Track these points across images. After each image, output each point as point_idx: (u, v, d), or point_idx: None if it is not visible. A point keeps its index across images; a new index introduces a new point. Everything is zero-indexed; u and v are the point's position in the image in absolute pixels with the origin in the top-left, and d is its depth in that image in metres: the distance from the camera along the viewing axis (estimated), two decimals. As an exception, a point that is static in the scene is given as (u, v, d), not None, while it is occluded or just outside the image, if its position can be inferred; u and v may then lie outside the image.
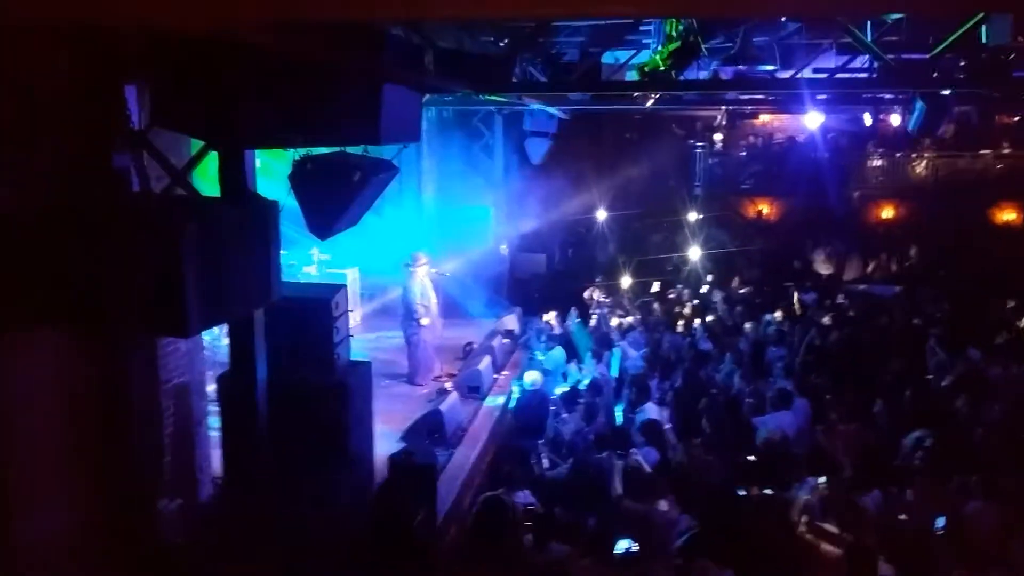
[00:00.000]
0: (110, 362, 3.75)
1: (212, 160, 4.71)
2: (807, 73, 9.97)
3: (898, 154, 18.53)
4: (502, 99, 11.49)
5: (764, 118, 20.47)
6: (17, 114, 3.59)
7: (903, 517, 5.81)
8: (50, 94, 3.61)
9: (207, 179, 5.00)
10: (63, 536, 4.26)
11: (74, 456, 4.28)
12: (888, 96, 10.74)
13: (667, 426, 8.08)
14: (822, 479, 5.95)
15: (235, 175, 4.57)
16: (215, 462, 6.39)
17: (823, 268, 18.22)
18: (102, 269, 3.51)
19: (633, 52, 10.51)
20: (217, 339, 8.58)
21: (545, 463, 7.68)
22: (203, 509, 6.08)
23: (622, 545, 4.55)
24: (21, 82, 3.59)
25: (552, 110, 13.91)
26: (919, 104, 8.45)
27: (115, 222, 3.48)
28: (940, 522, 5.39)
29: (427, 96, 9.69)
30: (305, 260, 11.05)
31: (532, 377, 9.43)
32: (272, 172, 6.21)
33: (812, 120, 12.15)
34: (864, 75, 10.26)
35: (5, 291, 3.60)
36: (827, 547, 5.11)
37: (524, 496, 6.27)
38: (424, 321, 10.13)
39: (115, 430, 3.80)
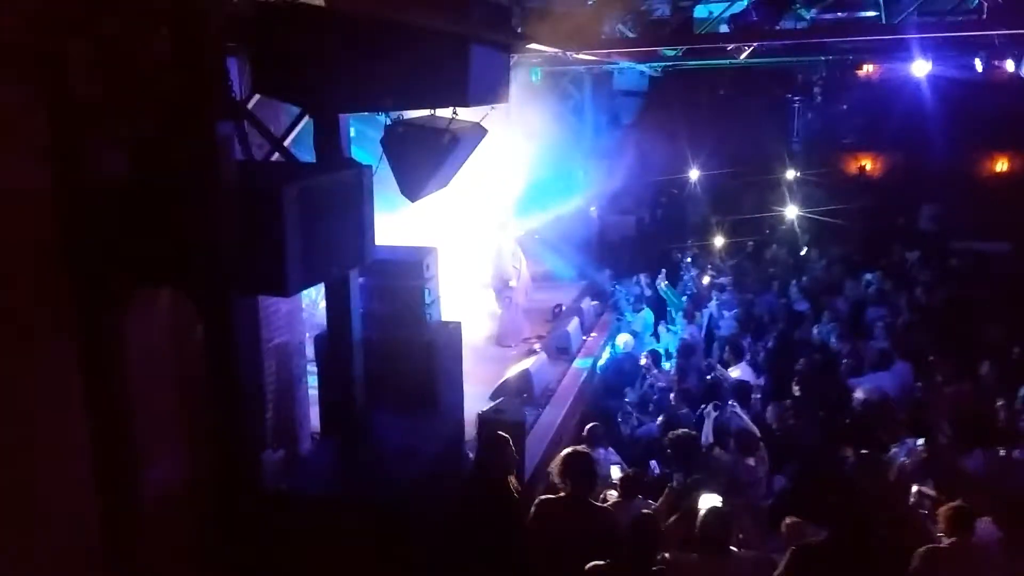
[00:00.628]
0: (217, 322, 3.98)
1: (309, 129, 4.90)
2: (913, 18, 9.39)
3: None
4: (591, 58, 11.34)
5: (867, 69, 19.43)
6: (124, 85, 3.82)
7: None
8: (154, 65, 3.81)
9: (305, 148, 5.20)
10: (179, 483, 4.60)
11: (186, 411, 4.60)
12: (1000, 40, 9.99)
13: (758, 387, 7.97)
14: (921, 440, 5.78)
15: (330, 141, 4.74)
16: (313, 419, 6.71)
17: (929, 225, 17.34)
18: (208, 232, 3.72)
19: (727, 4, 10.16)
20: (315, 302, 8.94)
21: (634, 422, 7.72)
22: (304, 460, 6.41)
23: (707, 500, 4.55)
24: (126, 54, 3.81)
25: (643, 68, 13.63)
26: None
27: (219, 187, 3.67)
28: None
29: (515, 58, 9.70)
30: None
31: (623, 340, 9.45)
32: (366, 140, 6.39)
33: (919, 69, 11.44)
34: (974, 17, 9.57)
35: (119, 255, 3.87)
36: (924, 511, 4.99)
37: (608, 453, 6.34)
38: (513, 283, 10.24)
39: (222, 386, 4.04)
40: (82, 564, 3.97)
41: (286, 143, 4.98)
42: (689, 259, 14.11)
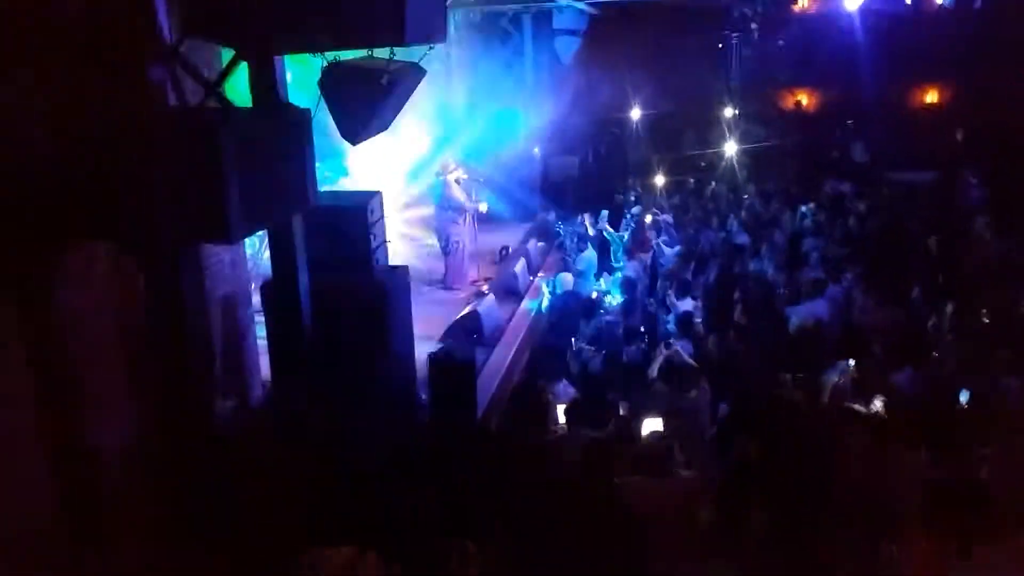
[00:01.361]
0: (159, 274, 3.94)
1: (244, 73, 4.78)
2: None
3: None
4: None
5: (802, 3, 19.59)
6: (45, 29, 3.67)
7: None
8: (77, 7, 3.67)
9: (239, 95, 5.08)
10: (131, 437, 4.58)
11: (133, 365, 4.56)
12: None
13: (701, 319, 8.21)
14: (852, 361, 6.07)
15: (266, 84, 4.65)
16: (264, 369, 6.70)
17: (861, 157, 17.80)
18: (144, 181, 3.66)
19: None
20: (259, 252, 8.83)
21: (585, 357, 7.89)
22: (254, 408, 6.42)
23: (649, 425, 4.74)
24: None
25: (581, 5, 13.53)
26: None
27: (154, 133, 3.59)
28: (963, 396, 5.50)
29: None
30: (340, 172, 11.14)
31: (563, 279, 9.57)
32: (305, 85, 6.26)
33: (851, 2, 11.63)
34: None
35: (52, 210, 3.76)
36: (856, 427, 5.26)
37: (563, 387, 6.50)
38: (468, 204, 10.22)
39: (168, 337, 4.02)
40: (43, 538, 3.93)
41: (220, 88, 4.86)
42: (632, 197, 14.26)
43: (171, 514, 4.26)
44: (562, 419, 5.41)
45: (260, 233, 6.60)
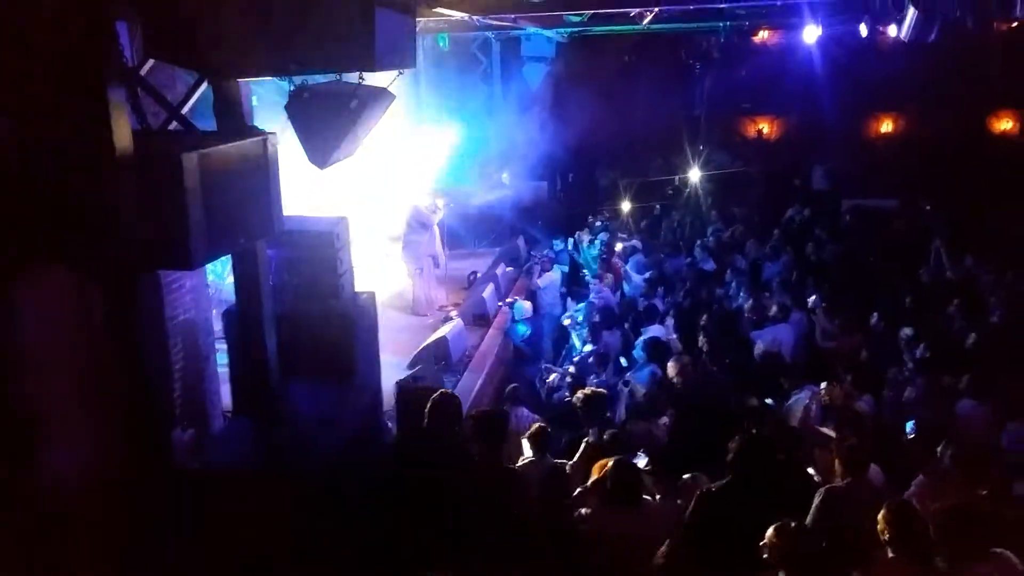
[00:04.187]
0: (117, 298, 3.83)
1: (208, 97, 4.71)
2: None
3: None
4: (497, 23, 11.29)
5: (763, 35, 20.04)
6: (8, 49, 3.58)
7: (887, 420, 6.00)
8: (37, 27, 3.58)
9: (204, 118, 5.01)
10: (83, 466, 4.43)
11: (88, 390, 4.41)
12: (884, 4, 10.50)
13: (671, 342, 8.23)
14: (823, 385, 6.12)
15: (231, 108, 4.57)
16: (225, 397, 6.57)
17: (822, 185, 18.17)
18: (105, 204, 3.56)
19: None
20: (221, 277, 8.70)
21: (553, 382, 7.87)
22: (215, 438, 6.27)
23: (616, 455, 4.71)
24: (4, 13, 3.56)
25: (549, 33, 13.66)
26: (911, 10, 8.29)
27: (115, 156, 3.51)
28: (909, 427, 5.56)
29: (422, 22, 9.54)
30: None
31: (521, 306, 9.56)
32: (272, 107, 6.20)
33: (809, 35, 11.93)
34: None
35: (10, 229, 3.66)
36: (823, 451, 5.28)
37: (524, 413, 6.45)
38: (438, 215, 10.31)
39: (125, 364, 3.90)
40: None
41: (183, 111, 4.79)
42: (600, 223, 14.36)
43: (128, 546, 4.11)
44: (527, 447, 5.36)
45: (223, 258, 6.49)
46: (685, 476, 4.94)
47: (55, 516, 4.03)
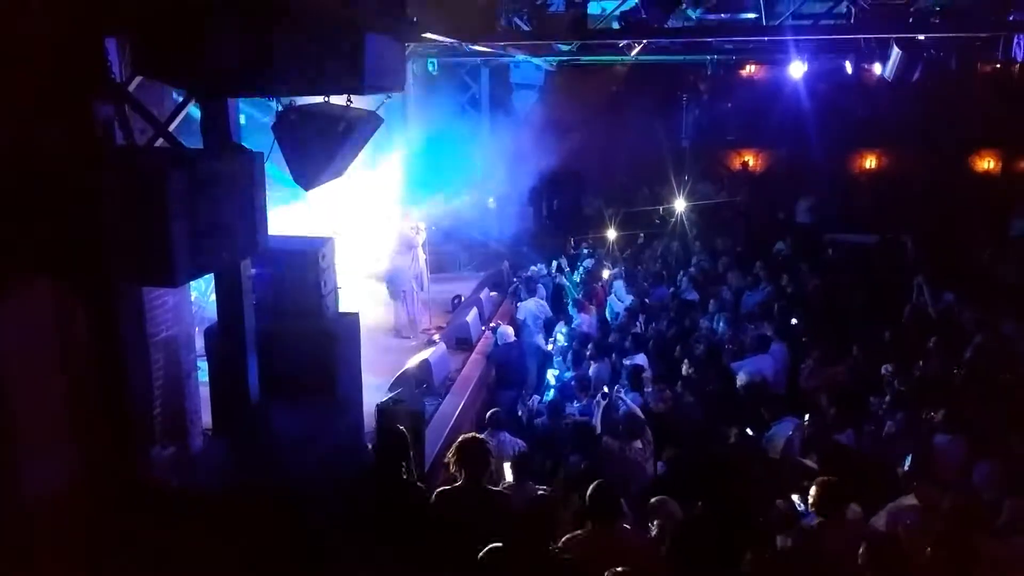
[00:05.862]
0: (100, 313, 3.82)
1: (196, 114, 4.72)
2: (789, 21, 9.95)
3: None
4: (487, 50, 11.41)
5: (750, 69, 20.35)
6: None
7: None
8: (26, 43, 3.60)
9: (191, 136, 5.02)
10: (65, 481, 4.38)
11: (69, 405, 4.38)
12: (867, 43, 10.74)
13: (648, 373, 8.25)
14: (807, 417, 6.14)
15: (218, 126, 4.58)
16: (205, 415, 6.50)
17: (805, 218, 18.36)
18: (89, 220, 3.56)
19: (619, 2, 10.44)
20: (204, 294, 8.65)
21: (533, 407, 7.86)
22: (195, 457, 6.21)
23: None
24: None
25: (538, 62, 13.82)
26: (895, 50, 8.49)
27: (100, 171, 3.51)
28: (907, 461, 5.53)
29: (411, 47, 9.62)
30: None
31: (503, 330, 9.56)
32: (260, 127, 6.23)
33: (795, 70, 12.14)
34: (844, 21, 10.24)
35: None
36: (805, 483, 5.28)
37: (506, 437, 6.44)
38: (420, 237, 10.34)
39: (106, 379, 3.88)
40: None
41: (171, 128, 4.80)
42: (584, 250, 14.43)
43: (105, 563, 4.06)
44: (509, 473, 5.34)
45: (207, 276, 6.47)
46: (652, 500, 4.94)
47: (30, 531, 3.98)
